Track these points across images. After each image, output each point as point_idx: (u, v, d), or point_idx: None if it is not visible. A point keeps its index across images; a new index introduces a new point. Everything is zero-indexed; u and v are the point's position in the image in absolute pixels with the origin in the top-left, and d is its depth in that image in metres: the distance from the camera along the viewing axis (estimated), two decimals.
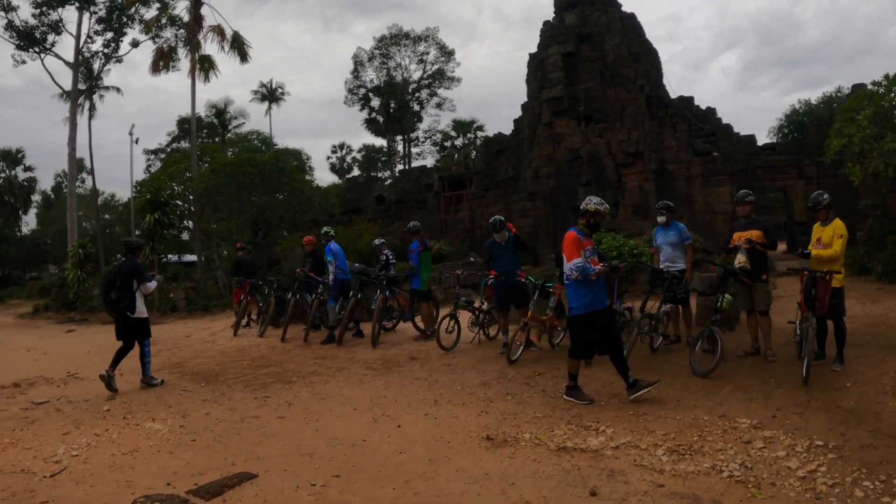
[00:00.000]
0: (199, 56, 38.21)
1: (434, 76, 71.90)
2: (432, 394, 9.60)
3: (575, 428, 7.57)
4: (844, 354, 9.75)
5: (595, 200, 8.74)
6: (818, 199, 9.86)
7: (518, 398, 9.15)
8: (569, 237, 8.48)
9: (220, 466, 6.79)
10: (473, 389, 9.75)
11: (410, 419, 8.26)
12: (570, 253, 8.39)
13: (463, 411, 8.53)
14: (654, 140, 30.11)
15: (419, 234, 15.37)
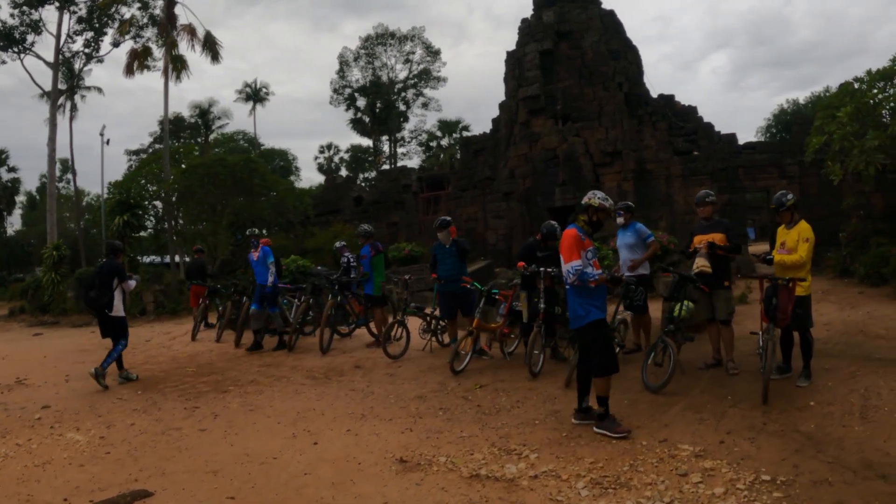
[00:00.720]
0: (172, 56, 37.78)
1: (420, 76, 71.71)
2: (363, 407, 9.13)
3: (497, 452, 6.97)
4: (812, 368, 8.98)
5: (599, 195, 7.73)
6: (781, 200, 9.05)
7: (450, 414, 8.60)
8: (569, 235, 7.36)
9: (122, 482, 6.60)
10: (407, 403, 9.26)
11: (330, 435, 7.86)
12: (570, 253, 7.25)
13: (387, 428, 8.06)
14: (633, 139, 29.29)
15: (370, 239, 14.72)
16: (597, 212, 7.62)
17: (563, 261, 7.29)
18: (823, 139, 19.14)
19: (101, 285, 11.58)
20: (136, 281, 12.51)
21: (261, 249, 14.53)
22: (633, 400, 8.54)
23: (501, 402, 8.94)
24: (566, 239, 7.35)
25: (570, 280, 7.24)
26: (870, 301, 15.90)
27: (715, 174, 27.78)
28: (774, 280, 8.49)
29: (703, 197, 10.14)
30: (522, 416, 8.28)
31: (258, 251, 14.56)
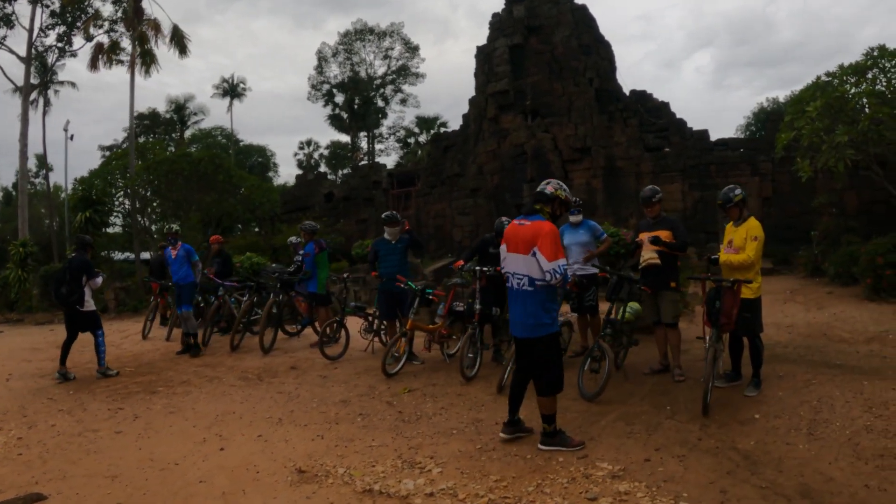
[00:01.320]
0: (141, 50, 37.01)
1: (398, 72, 71.19)
2: (283, 411, 8.62)
3: (400, 464, 6.36)
4: (764, 375, 8.34)
5: (565, 186, 6.79)
6: (728, 196, 8.31)
7: (368, 420, 7.99)
8: (551, 230, 6.25)
9: (24, 484, 6.39)
10: (328, 407, 8.68)
11: (240, 441, 7.42)
12: (555, 250, 6.18)
13: (299, 434, 7.56)
14: (603, 135, 28.68)
15: (314, 235, 14.14)
16: (562, 205, 6.66)
17: (543, 258, 6.14)
18: (793, 135, 18.55)
19: (72, 281, 11.54)
20: (103, 277, 12.54)
21: (181, 247, 13.85)
22: (565, 408, 7.82)
23: (425, 408, 8.36)
24: (549, 234, 6.20)
25: (554, 280, 6.21)
26: (838, 301, 15.32)
27: (686, 171, 27.20)
28: (718, 282, 7.79)
29: (649, 196, 9.35)
30: (442, 424, 7.66)
31: (177, 249, 13.80)
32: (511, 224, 6.73)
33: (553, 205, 6.57)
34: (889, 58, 18.17)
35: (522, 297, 6.46)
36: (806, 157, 18.69)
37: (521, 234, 6.42)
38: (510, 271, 6.56)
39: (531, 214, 6.52)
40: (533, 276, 6.32)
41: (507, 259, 6.62)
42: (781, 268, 23.62)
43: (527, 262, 6.34)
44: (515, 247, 6.46)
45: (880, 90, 18.10)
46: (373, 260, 11.66)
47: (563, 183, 6.80)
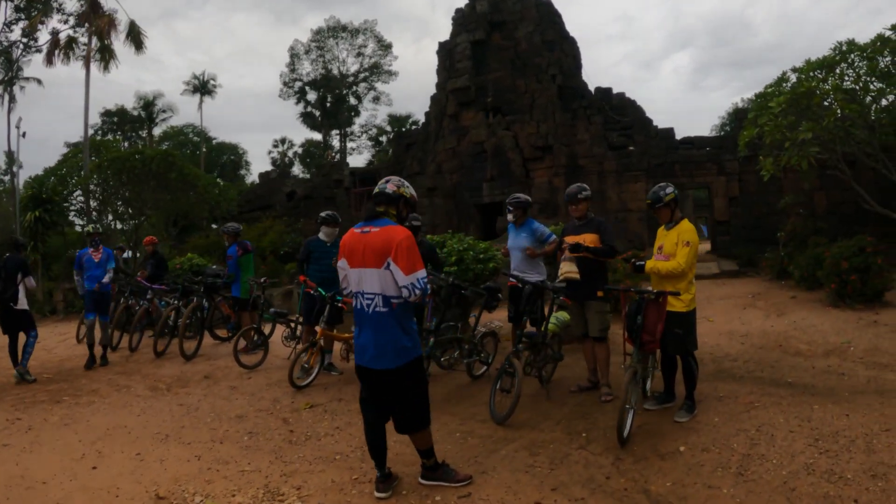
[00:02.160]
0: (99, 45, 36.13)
1: (371, 69, 70.15)
2: (174, 426, 8.09)
3: (262, 494, 5.74)
4: (701, 395, 7.40)
5: (408, 183, 5.68)
6: (658, 195, 7.26)
7: (254, 440, 7.35)
8: (407, 236, 5.13)
9: None
10: (221, 423, 8.10)
11: (118, 459, 6.96)
12: (412, 260, 5.11)
13: (179, 453, 7.05)
14: (565, 133, 27.69)
15: (238, 237, 13.40)
16: (407, 205, 5.55)
17: (399, 270, 5.06)
18: (755, 132, 17.59)
19: (6, 279, 11.53)
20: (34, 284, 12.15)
21: (103, 251, 12.82)
22: (468, 432, 6.88)
23: (320, 427, 7.56)
24: (405, 241, 5.10)
25: (414, 296, 5.13)
26: (800, 307, 14.36)
27: (650, 170, 26.26)
28: (640, 293, 6.78)
29: (574, 193, 8.33)
30: (329, 448, 6.84)
31: (99, 252, 12.76)
32: (350, 233, 5.43)
33: (398, 205, 5.48)
34: (858, 52, 17.26)
35: (376, 320, 5.24)
36: (769, 156, 17.71)
37: (369, 243, 5.21)
38: (357, 290, 5.35)
39: (375, 219, 5.34)
40: (388, 293, 5.19)
41: (349, 276, 5.40)
42: (747, 270, 22.73)
43: (380, 277, 5.19)
44: (362, 259, 5.25)
45: (848, 86, 17.17)
46: (303, 261, 10.72)
47: (405, 180, 5.67)
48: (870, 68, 17.02)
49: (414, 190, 5.71)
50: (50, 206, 29.09)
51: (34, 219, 27.88)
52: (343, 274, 5.47)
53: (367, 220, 5.37)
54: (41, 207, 28.35)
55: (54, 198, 29.99)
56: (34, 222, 27.86)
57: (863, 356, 9.71)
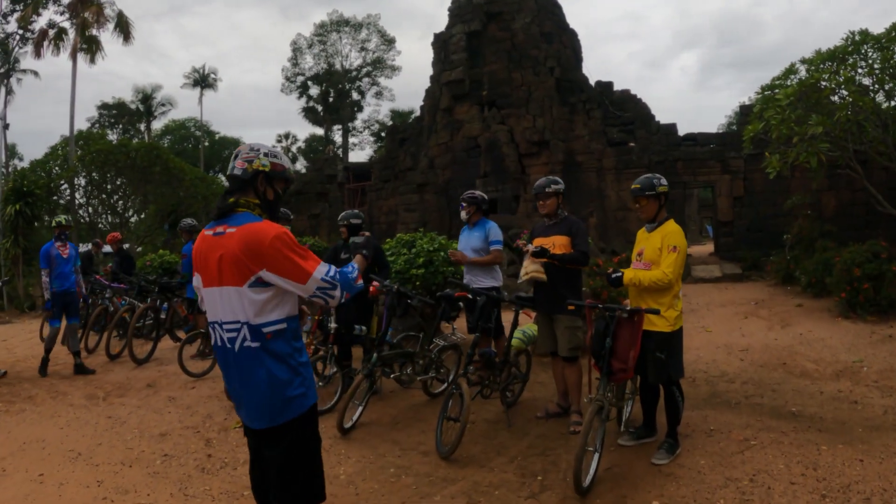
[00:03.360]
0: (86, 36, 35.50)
1: (374, 64, 69.72)
2: (91, 443, 7.37)
3: None
4: (688, 427, 6.22)
5: (272, 149, 3.88)
6: (650, 181, 6.15)
7: (167, 464, 6.56)
8: (278, 234, 3.49)
9: None
10: (141, 442, 7.34)
11: (17, 480, 6.27)
12: (300, 255, 3.54)
13: (82, 476, 6.31)
14: (563, 128, 26.45)
15: (193, 235, 12.59)
16: (269, 181, 3.78)
17: (291, 281, 3.50)
18: (761, 126, 16.35)
19: None
20: None
21: (70, 246, 11.54)
22: (404, 469, 5.80)
23: (241, 452, 6.60)
24: (278, 241, 3.46)
25: (332, 300, 3.65)
26: (807, 317, 13.17)
27: (651, 167, 24.98)
28: (608, 309, 5.55)
29: (542, 185, 7.09)
30: (243, 480, 5.91)
31: (66, 247, 11.45)
32: (201, 237, 3.77)
33: (257, 187, 3.75)
34: (873, 42, 16.06)
35: (244, 360, 3.57)
36: (776, 152, 16.44)
37: (224, 251, 3.55)
38: (213, 320, 3.70)
39: (229, 215, 3.66)
40: (256, 320, 3.53)
41: (205, 298, 3.77)
42: (751, 273, 21.52)
43: (243, 299, 3.53)
44: (217, 274, 3.59)
45: (861, 79, 15.97)
46: None
47: (266, 145, 3.85)
48: (884, 59, 15.82)
49: (284, 157, 3.87)
50: (31, 199, 28.16)
51: (15, 212, 26.81)
52: (200, 295, 3.83)
53: (218, 217, 3.68)
54: (22, 201, 27.37)
55: (36, 191, 29.08)
56: (15, 216, 26.80)
57: (877, 379, 8.51)
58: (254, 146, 3.80)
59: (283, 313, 3.60)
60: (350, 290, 3.70)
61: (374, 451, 6.26)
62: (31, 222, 28.53)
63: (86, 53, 36.65)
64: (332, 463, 5.99)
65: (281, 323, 3.58)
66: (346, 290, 3.66)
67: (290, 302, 3.64)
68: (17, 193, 27.67)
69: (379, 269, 8.44)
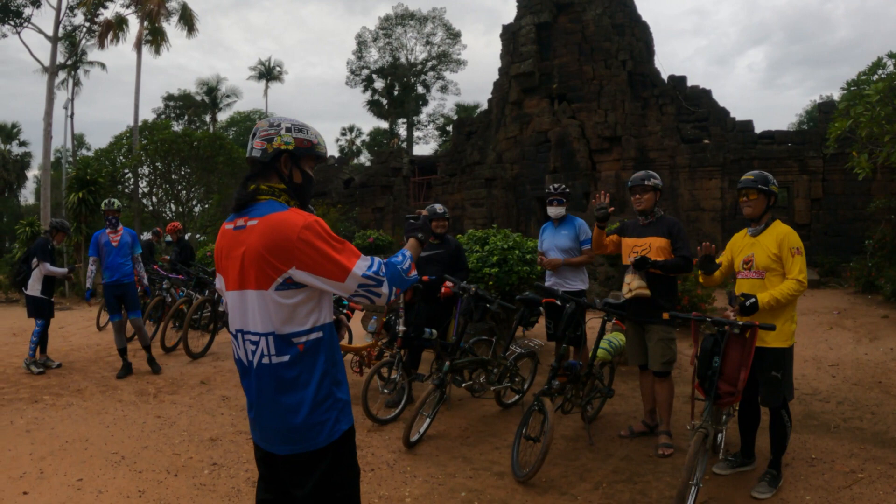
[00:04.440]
0: (151, 28, 35.84)
1: (439, 58, 69.20)
2: (137, 446, 6.92)
3: None
4: (784, 462, 5.56)
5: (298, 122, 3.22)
6: (763, 177, 5.48)
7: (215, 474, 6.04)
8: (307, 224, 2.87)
9: None
10: (189, 447, 6.87)
11: (55, 484, 5.88)
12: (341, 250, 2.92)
13: (124, 484, 5.86)
14: (635, 123, 25.83)
15: None
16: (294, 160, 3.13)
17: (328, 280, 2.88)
18: (848, 124, 15.60)
19: (24, 261, 11.11)
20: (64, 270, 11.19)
21: (123, 232, 10.46)
22: (476, 493, 5.33)
23: None
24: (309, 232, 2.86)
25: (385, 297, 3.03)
26: (895, 331, 12.44)
27: (726, 166, 24.30)
28: (719, 326, 5.00)
29: (641, 178, 6.52)
30: None
31: (118, 234, 10.38)
32: (222, 232, 3.19)
33: (279, 168, 3.11)
34: None
35: (268, 378, 2.99)
36: (864, 152, 15.68)
37: (245, 247, 2.96)
38: (235, 329, 3.11)
39: (249, 204, 3.05)
40: (284, 329, 2.94)
41: (227, 302, 3.18)
42: (829, 280, 20.73)
43: (268, 305, 2.94)
44: (240, 276, 3.01)
45: None
46: None
47: (289, 118, 3.18)
48: None
49: (316, 133, 3.22)
50: (94, 187, 28.37)
51: (77, 200, 27.10)
52: (223, 298, 3.27)
53: (238, 209, 3.07)
54: (85, 189, 27.59)
55: (99, 179, 29.29)
56: (78, 204, 27.07)
57: None
58: (273, 121, 3.14)
59: (320, 319, 3.00)
60: (401, 284, 3.07)
61: (443, 469, 5.84)
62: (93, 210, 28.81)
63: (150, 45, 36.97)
64: (396, 483, 5.59)
65: (317, 331, 2.98)
66: (395, 284, 3.03)
67: (326, 305, 3.05)
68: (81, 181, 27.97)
69: (456, 268, 8.02)
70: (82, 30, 41.02)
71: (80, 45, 43.02)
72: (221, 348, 12.04)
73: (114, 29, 36.90)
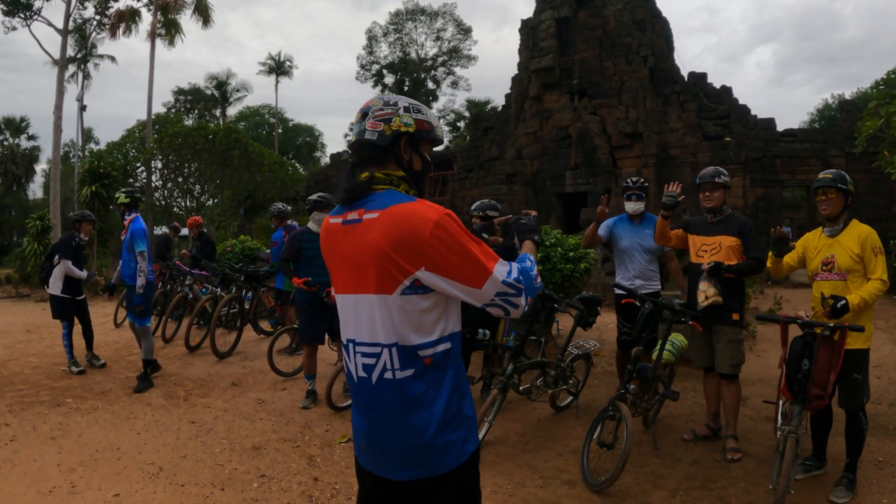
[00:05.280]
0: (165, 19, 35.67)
1: (450, 53, 68.66)
2: (175, 455, 6.38)
3: None
4: (859, 466, 5.44)
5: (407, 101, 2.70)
6: (841, 176, 5.42)
7: (265, 487, 5.58)
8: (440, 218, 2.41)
9: None
10: (232, 456, 6.34)
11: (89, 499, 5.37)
12: (478, 251, 2.48)
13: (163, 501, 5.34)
14: (656, 120, 25.73)
15: (285, 220, 11.74)
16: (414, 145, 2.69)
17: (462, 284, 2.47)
18: (879, 123, 15.52)
19: (48, 257, 10.53)
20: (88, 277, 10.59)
21: (131, 225, 9.12)
22: (548, 502, 5.18)
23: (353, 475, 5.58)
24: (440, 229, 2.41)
25: (520, 308, 2.60)
26: None
27: (748, 164, 24.20)
28: (809, 328, 4.91)
29: (711, 175, 6.32)
30: None
31: (126, 228, 9.24)
32: (325, 228, 2.80)
33: (398, 153, 2.66)
34: None
35: (388, 396, 2.60)
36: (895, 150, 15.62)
37: (362, 244, 2.57)
38: (346, 338, 2.72)
39: (364, 196, 2.60)
40: (410, 340, 2.54)
41: (339, 307, 2.78)
42: None
43: (390, 310, 2.53)
44: (353, 278, 2.63)
45: None
46: (291, 259, 8.31)
47: (403, 97, 2.74)
48: None
49: (433, 114, 2.74)
50: (107, 180, 28.32)
51: (90, 194, 27.28)
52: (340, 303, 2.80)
53: (348, 201, 2.64)
54: (98, 182, 27.69)
55: (112, 172, 29.23)
56: (90, 197, 27.23)
57: None
58: (388, 98, 2.67)
59: (448, 328, 2.59)
60: (533, 293, 2.64)
61: (510, 478, 5.63)
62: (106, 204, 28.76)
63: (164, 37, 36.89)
64: None
65: (444, 342, 2.56)
66: (530, 294, 2.60)
67: (455, 312, 2.64)
68: (93, 175, 27.99)
69: None
70: (93, 22, 41.07)
71: (91, 37, 42.95)
72: (248, 347, 11.76)
73: (126, 20, 36.76)
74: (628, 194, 7.39)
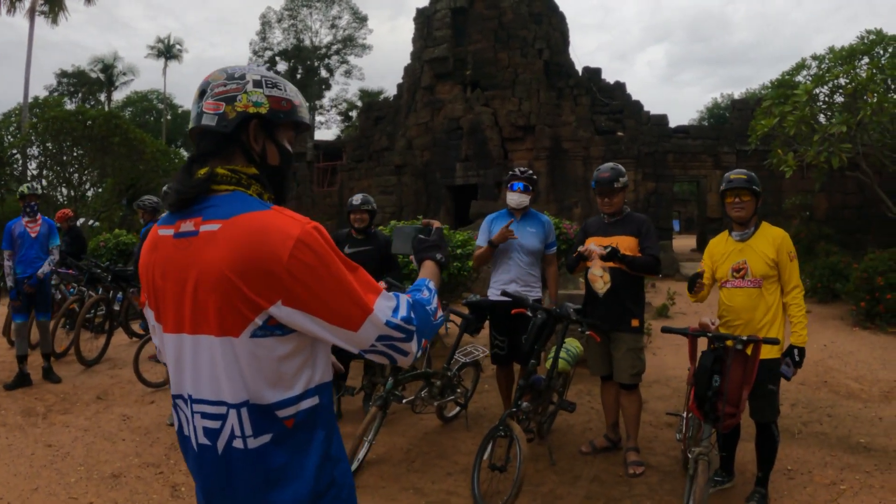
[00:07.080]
0: None
1: (344, 42, 68.23)
2: (25, 487, 5.50)
3: None
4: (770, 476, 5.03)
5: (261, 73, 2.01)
6: (754, 178, 4.97)
7: None
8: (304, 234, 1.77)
9: None
10: (89, 487, 5.52)
11: None
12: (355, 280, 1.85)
13: None
14: (549, 113, 25.54)
15: (156, 215, 10.19)
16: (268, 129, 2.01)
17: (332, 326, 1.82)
18: (773, 122, 15.54)
19: None
20: None
21: (42, 222, 9.27)
22: None
23: None
24: (304, 249, 1.77)
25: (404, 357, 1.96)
26: (823, 327, 12.38)
27: (640, 159, 24.25)
28: (720, 341, 4.40)
29: (610, 179, 5.70)
30: None
31: (37, 223, 9.20)
32: (151, 241, 2.03)
33: (249, 142, 1.97)
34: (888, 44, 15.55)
35: (244, 469, 1.87)
36: (789, 150, 15.66)
37: (199, 268, 1.84)
38: (177, 393, 2.00)
39: (202, 198, 1.89)
40: (263, 396, 1.84)
41: (165, 349, 2.03)
42: None
43: (234, 359, 1.82)
44: (187, 313, 1.88)
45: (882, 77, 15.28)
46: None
47: (259, 68, 2.01)
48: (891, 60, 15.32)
49: (294, 90, 2.08)
50: None
51: None
52: (157, 342, 2.12)
53: (180, 206, 1.91)
54: None
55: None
56: None
57: None
58: (233, 71, 2.02)
59: (315, 378, 1.95)
60: (430, 333, 2.03)
61: (395, 502, 5.04)
62: None
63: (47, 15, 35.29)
64: None
65: (311, 397, 1.92)
66: (424, 335, 1.99)
67: (324, 358, 1.98)
68: None
69: (389, 267, 7.24)
70: None
71: None
72: (119, 353, 10.69)
73: None
74: (513, 184, 6.45)
